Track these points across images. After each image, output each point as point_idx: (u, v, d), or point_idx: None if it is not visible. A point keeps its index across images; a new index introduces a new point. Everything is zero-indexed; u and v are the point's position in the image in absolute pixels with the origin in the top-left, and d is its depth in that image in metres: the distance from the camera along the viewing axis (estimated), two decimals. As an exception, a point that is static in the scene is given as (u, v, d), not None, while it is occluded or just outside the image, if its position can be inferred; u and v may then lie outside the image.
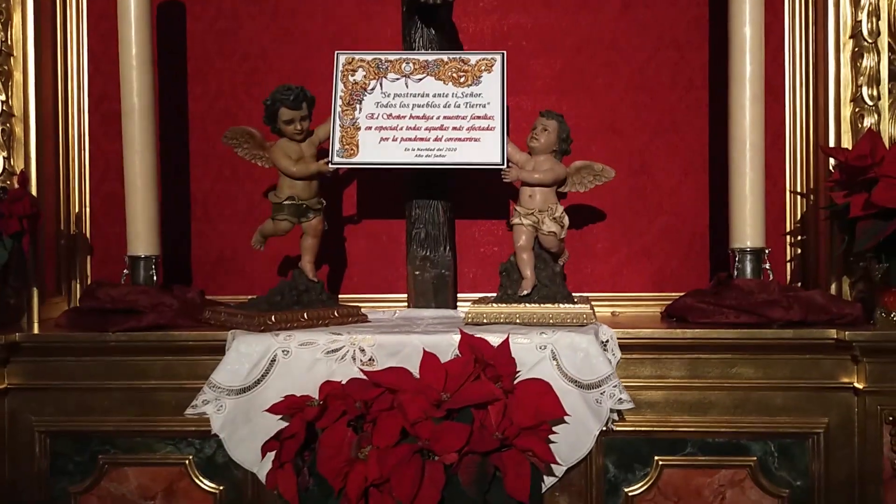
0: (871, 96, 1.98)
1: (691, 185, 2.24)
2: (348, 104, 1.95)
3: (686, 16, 2.23)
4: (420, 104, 1.95)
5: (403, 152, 1.93)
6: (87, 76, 2.25)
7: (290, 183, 1.92)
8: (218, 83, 2.28)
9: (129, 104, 1.97)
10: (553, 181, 1.91)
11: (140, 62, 1.97)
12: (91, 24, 2.25)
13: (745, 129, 1.92)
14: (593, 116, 2.25)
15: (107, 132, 2.24)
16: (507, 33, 2.27)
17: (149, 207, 1.98)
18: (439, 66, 1.97)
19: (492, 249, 2.27)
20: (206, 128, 2.27)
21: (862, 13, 1.99)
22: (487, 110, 1.94)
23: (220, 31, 2.28)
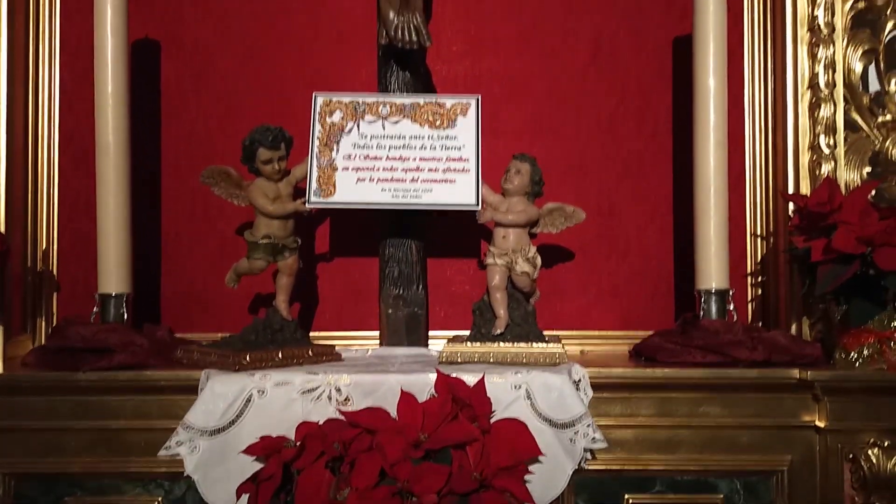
0: (829, 145, 2.07)
1: (657, 227, 2.31)
2: (325, 145, 1.98)
3: (651, 65, 2.31)
4: (396, 146, 1.99)
5: (380, 193, 1.96)
6: (59, 112, 2.23)
7: (267, 222, 1.93)
8: (192, 122, 2.28)
9: (104, 142, 1.97)
10: (526, 222, 1.96)
11: (115, 100, 1.97)
12: (64, 61, 2.24)
13: (709, 174, 1.99)
14: (563, 159, 2.31)
15: (77, 169, 2.22)
16: (480, 77, 2.33)
17: (121, 246, 1.97)
18: (415, 108, 2.02)
19: (463, 288, 2.30)
20: (179, 166, 2.27)
21: (819, 66, 2.09)
22: (462, 152, 1.99)
23: (195, 70, 2.29)
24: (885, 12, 2.17)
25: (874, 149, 2.15)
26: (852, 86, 2.14)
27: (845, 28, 2.14)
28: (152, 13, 2.27)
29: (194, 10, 2.29)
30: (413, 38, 2.02)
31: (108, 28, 1.96)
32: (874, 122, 2.16)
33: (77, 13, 2.23)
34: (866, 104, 2.16)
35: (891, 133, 2.15)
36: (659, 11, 2.31)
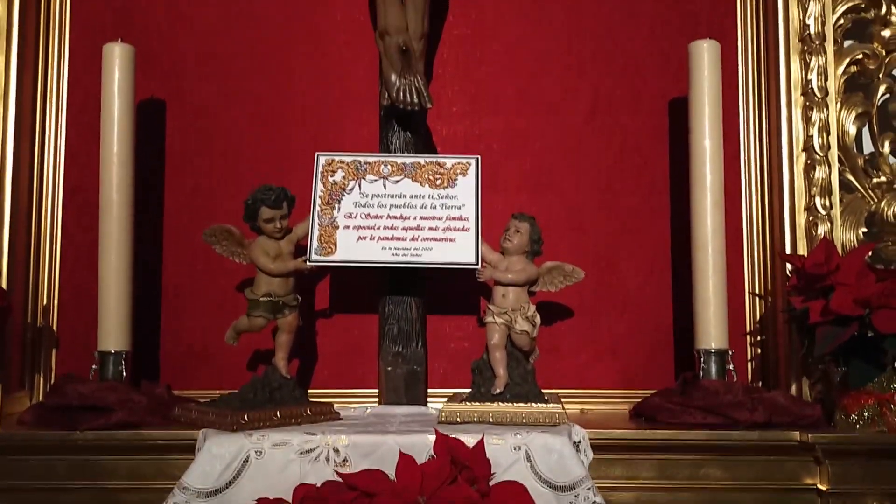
0: (824, 206, 2.10)
1: (655, 283, 2.32)
2: (327, 203, 2.00)
3: (648, 124, 2.35)
4: (397, 205, 2.01)
5: (380, 251, 1.98)
6: (64, 168, 2.26)
7: (268, 280, 1.94)
8: (195, 179, 2.30)
9: (108, 199, 1.99)
10: (525, 281, 1.97)
11: (120, 159, 2.00)
12: (70, 118, 2.27)
13: (706, 234, 2.01)
14: (561, 216, 2.33)
15: (80, 224, 2.24)
16: (480, 136, 2.36)
17: (121, 303, 1.98)
18: (416, 168, 2.04)
19: (462, 345, 2.30)
20: (181, 222, 2.29)
21: (813, 128, 2.13)
22: (462, 212, 2.01)
23: (199, 128, 2.32)
24: (878, 76, 2.23)
25: (870, 209, 2.18)
26: (847, 148, 2.18)
27: (838, 91, 2.19)
28: (158, 72, 2.31)
29: (199, 69, 2.33)
30: (415, 100, 2.06)
31: (115, 89, 2.00)
32: (869, 182, 2.19)
33: (84, 73, 2.27)
34: (861, 165, 2.19)
35: (886, 194, 2.18)
36: (655, 72, 2.35)
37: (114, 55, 2.01)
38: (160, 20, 2.33)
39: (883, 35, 2.23)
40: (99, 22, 2.30)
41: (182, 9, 2.34)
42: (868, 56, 2.22)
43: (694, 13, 2.34)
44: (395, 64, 2.07)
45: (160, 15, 2.33)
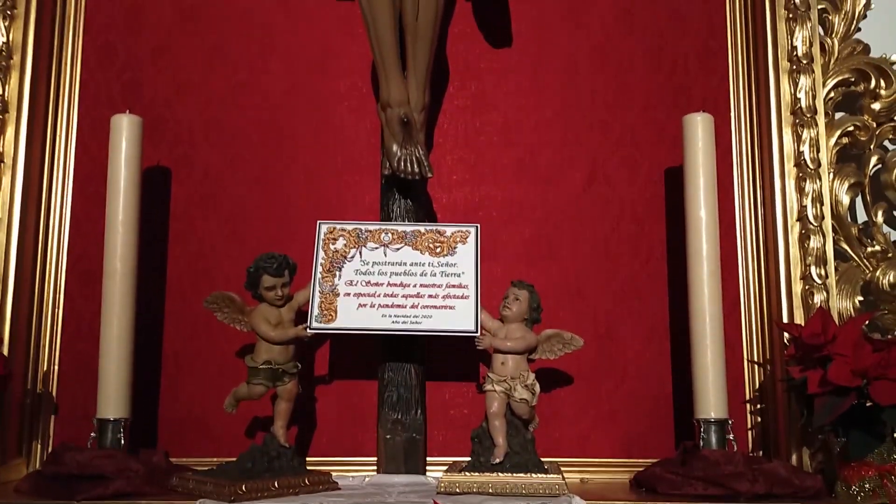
0: (820, 275, 2.12)
1: (654, 351, 2.33)
2: (328, 271, 2.02)
3: (644, 193, 2.39)
4: (398, 272, 2.04)
5: (381, 318, 1.99)
6: (69, 235, 2.29)
7: (268, 347, 1.96)
8: (199, 245, 2.33)
9: (111, 268, 2.01)
10: (525, 349, 1.98)
11: (125, 228, 2.03)
12: (77, 185, 2.31)
13: (704, 303, 2.03)
14: (560, 283, 2.35)
15: (83, 291, 2.26)
16: (479, 204, 2.39)
17: (122, 370, 1.98)
18: (416, 236, 2.07)
19: (462, 412, 2.29)
20: (183, 288, 2.30)
21: (807, 199, 2.17)
22: (462, 279, 2.03)
23: (204, 194, 2.35)
24: (869, 147, 2.28)
25: (865, 278, 2.21)
26: (840, 217, 2.22)
27: (831, 162, 2.23)
28: (165, 140, 2.36)
29: (205, 137, 2.37)
30: (415, 170, 2.10)
31: (122, 159, 2.04)
32: (863, 251, 2.22)
33: (92, 142, 2.32)
34: (855, 235, 2.22)
35: (880, 263, 2.21)
36: (650, 143, 2.40)
37: (122, 126, 2.05)
38: (168, 90, 2.38)
39: (873, 108, 2.29)
40: (107, 93, 2.36)
41: (189, 79, 2.39)
42: (859, 128, 2.27)
43: (687, 86, 2.40)
44: (397, 135, 2.12)
45: (168, 85, 2.39)
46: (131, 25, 2.41)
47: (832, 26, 2.33)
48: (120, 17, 2.41)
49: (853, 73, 2.29)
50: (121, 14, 2.41)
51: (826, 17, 2.34)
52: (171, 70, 2.39)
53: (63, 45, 2.35)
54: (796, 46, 2.25)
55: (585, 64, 2.43)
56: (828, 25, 2.34)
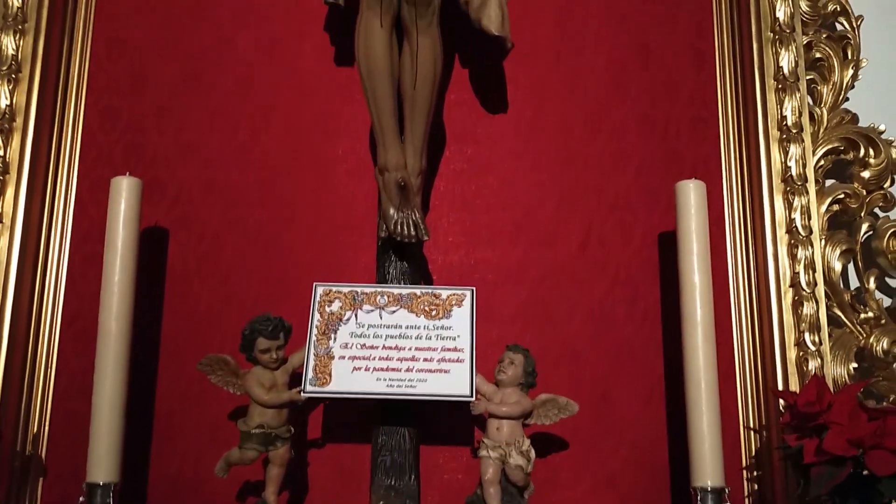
0: (814, 342, 2.13)
1: (651, 415, 2.31)
2: (323, 333, 2.02)
3: (638, 257, 2.40)
4: (393, 335, 2.04)
5: (375, 382, 1.99)
6: (64, 294, 2.29)
7: (261, 411, 1.94)
8: (194, 305, 2.33)
9: (106, 328, 2.01)
10: (520, 414, 1.98)
11: (121, 289, 2.03)
12: (74, 246, 2.32)
13: (699, 369, 2.02)
14: (555, 345, 2.34)
15: (76, 350, 2.25)
16: (474, 266, 2.40)
17: (113, 433, 1.96)
18: (412, 299, 2.08)
19: (456, 476, 2.26)
20: (177, 349, 2.29)
21: (799, 265, 2.19)
22: (457, 343, 2.03)
23: (201, 254, 2.36)
24: (860, 214, 2.31)
25: (859, 344, 2.21)
26: (833, 284, 2.24)
27: (822, 229, 2.26)
28: (164, 201, 2.37)
29: (204, 198, 2.39)
30: (412, 233, 2.12)
31: (121, 221, 2.05)
32: (857, 318, 2.23)
33: (92, 200, 2.33)
34: (848, 301, 2.24)
35: (874, 329, 2.22)
36: (644, 207, 2.42)
37: (121, 188, 2.07)
38: (169, 151, 2.41)
39: (863, 176, 2.33)
40: (108, 153, 2.38)
41: (191, 140, 2.42)
42: (849, 196, 2.31)
43: (679, 152, 2.45)
44: (394, 199, 2.14)
45: (169, 146, 2.41)
46: (135, 87, 2.44)
47: (821, 96, 2.38)
48: (124, 79, 2.44)
49: (842, 142, 2.34)
50: (125, 76, 2.45)
51: (815, 88, 2.40)
52: (173, 131, 2.42)
53: (66, 106, 2.38)
54: (786, 116, 2.30)
55: (579, 129, 2.47)
56: (816, 95, 2.40)
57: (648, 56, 2.52)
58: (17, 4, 2.29)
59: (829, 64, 2.38)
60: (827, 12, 2.42)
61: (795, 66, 2.34)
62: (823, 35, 2.41)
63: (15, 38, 2.27)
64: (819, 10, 2.42)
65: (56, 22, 2.36)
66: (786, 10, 2.36)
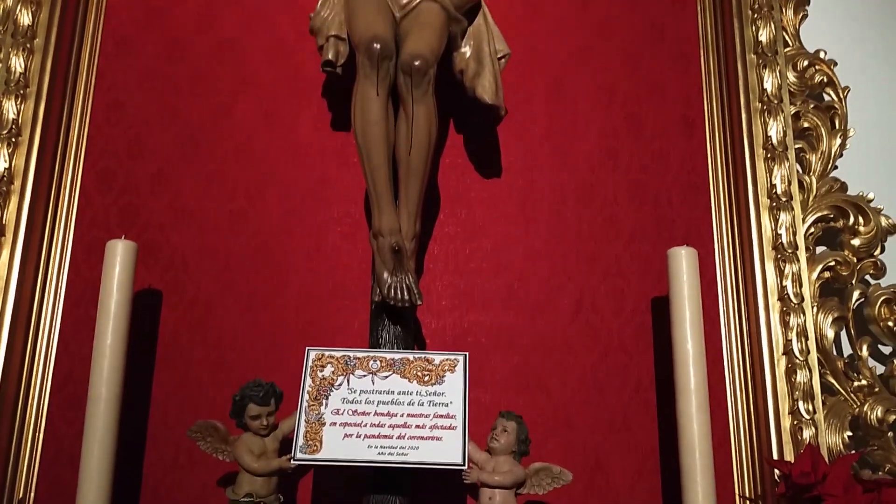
0: (808, 410, 2.12)
1: (645, 485, 2.28)
2: (315, 399, 2.01)
3: (631, 323, 2.40)
4: (385, 401, 2.02)
5: (366, 449, 1.96)
6: (55, 357, 2.27)
7: (250, 479, 1.92)
8: (185, 370, 2.31)
9: (96, 392, 1.99)
10: (513, 483, 1.95)
11: (112, 353, 2.02)
12: (66, 309, 2.31)
13: (693, 437, 2.01)
14: (548, 412, 2.33)
15: (65, 414, 2.23)
16: (468, 330, 2.40)
17: (100, 500, 1.92)
18: (405, 364, 2.07)
19: (448, 547, 2.23)
20: (167, 414, 2.27)
21: (792, 333, 2.20)
22: (450, 409, 2.01)
23: (193, 318, 2.35)
24: (851, 282, 2.32)
25: (853, 413, 2.20)
26: (826, 351, 2.24)
27: (814, 296, 2.27)
28: (157, 264, 2.38)
29: (198, 261, 2.40)
30: (405, 298, 2.12)
31: (115, 284, 2.05)
32: (850, 386, 2.22)
33: (86, 263, 2.34)
34: (841, 369, 2.24)
35: (868, 397, 2.21)
36: (636, 273, 2.43)
37: (116, 252, 2.08)
38: (164, 215, 2.42)
39: (853, 243, 2.34)
40: (104, 217, 2.40)
41: (186, 204, 2.44)
42: (840, 263, 2.32)
43: (671, 219, 2.47)
44: (388, 263, 2.15)
45: (164, 210, 2.43)
46: (132, 151, 2.47)
47: (809, 164, 2.42)
48: (122, 143, 2.47)
49: (832, 210, 2.37)
50: (123, 140, 2.48)
51: (803, 156, 2.44)
52: (169, 195, 2.44)
53: (63, 169, 2.40)
54: (775, 184, 2.33)
55: (572, 196, 2.50)
56: (805, 163, 2.44)
57: (639, 125, 2.56)
58: (19, 70, 2.34)
59: (818, 133, 2.43)
60: (814, 83, 2.47)
61: (784, 136, 2.39)
62: (811, 105, 2.46)
63: (16, 103, 2.30)
64: (806, 81, 2.47)
65: (57, 87, 2.41)
66: (773, 81, 2.42)
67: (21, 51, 2.34)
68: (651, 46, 2.63)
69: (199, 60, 2.55)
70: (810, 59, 2.48)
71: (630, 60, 2.62)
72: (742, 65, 2.46)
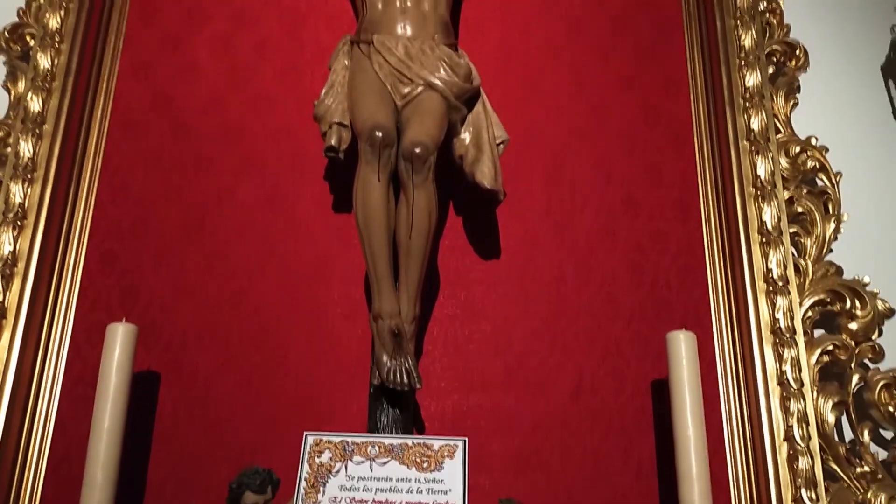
0: (811, 498, 2.10)
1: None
2: (312, 486, 1.98)
3: (632, 405, 2.38)
4: (383, 488, 2.00)
5: (364, 538, 1.93)
6: (51, 440, 2.25)
7: (245, 568, 1.88)
8: (182, 451, 2.28)
9: (92, 476, 1.97)
10: (512, 575, 1.91)
11: (109, 436, 2.01)
12: (65, 390, 2.30)
13: (696, 527, 1.98)
14: (550, 497, 2.29)
15: (60, 499, 2.18)
16: (467, 412, 2.39)
17: (92, 591, 1.89)
18: (403, 450, 2.05)
19: None
20: (163, 497, 2.23)
21: (792, 418, 2.19)
22: (449, 497, 1.99)
23: (191, 400, 2.34)
24: (850, 366, 2.32)
25: (857, 499, 2.17)
26: (827, 436, 2.22)
27: (814, 381, 2.27)
28: (157, 345, 2.37)
29: (198, 342, 2.39)
30: (405, 381, 2.13)
31: (114, 367, 2.06)
32: (853, 472, 2.20)
33: (86, 344, 2.33)
34: (843, 454, 2.22)
35: (871, 484, 2.18)
36: (635, 355, 2.43)
37: (116, 335, 2.09)
38: (165, 295, 2.44)
39: (850, 327, 2.35)
40: (106, 297, 2.41)
41: (187, 284, 2.45)
42: (838, 347, 2.32)
43: (669, 301, 2.48)
44: (388, 346, 2.16)
45: (166, 290, 2.44)
46: (136, 232, 2.50)
47: (805, 248, 2.45)
48: (126, 224, 2.50)
49: (828, 294, 2.38)
50: (127, 221, 2.51)
51: (798, 240, 2.47)
52: (171, 276, 2.46)
53: (67, 250, 2.42)
54: (771, 269, 2.36)
55: (571, 277, 2.52)
56: (801, 247, 2.46)
57: (636, 206, 2.60)
58: (28, 155, 2.38)
59: (812, 218, 2.46)
60: (806, 169, 2.52)
61: (778, 221, 2.42)
62: (804, 190, 2.51)
63: (23, 187, 2.34)
64: (799, 166, 2.52)
65: (64, 170, 2.45)
66: (766, 167, 2.47)
67: (30, 136, 2.39)
68: (646, 130, 2.69)
69: (205, 143, 2.60)
70: (802, 146, 2.54)
71: (626, 143, 2.67)
72: (735, 151, 2.52)
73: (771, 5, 2.71)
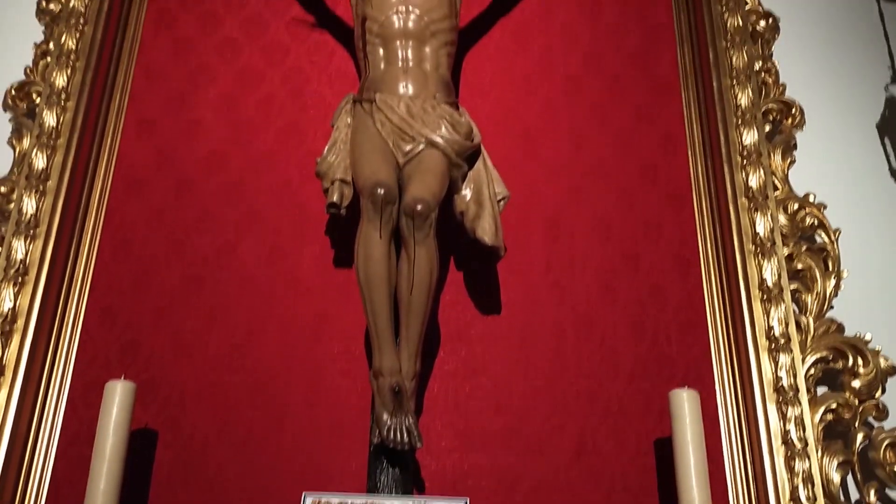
0: (819, 564, 2.06)
1: None
2: (311, 548, 1.95)
3: (634, 465, 2.35)
4: (383, 553, 1.96)
5: None
6: (45, 500, 2.21)
7: None
8: (179, 507, 2.26)
9: (86, 540, 1.94)
10: None
11: (105, 497, 1.98)
12: (61, 448, 2.27)
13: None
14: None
15: (53, 561, 2.16)
16: (468, 472, 2.35)
17: None
18: (404, 512, 2.02)
19: None
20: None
21: (797, 479, 2.18)
22: (452, 570, 1.96)
23: (188, 458, 2.30)
24: (854, 425, 2.29)
25: (865, 561, 2.13)
26: (833, 496, 2.19)
27: (818, 439, 2.24)
28: (155, 402, 2.35)
29: (196, 399, 2.37)
30: (405, 440, 2.10)
31: (112, 425, 2.04)
32: (862, 535, 2.16)
33: (83, 402, 2.31)
34: (852, 517, 2.18)
35: (882, 553, 2.14)
36: (638, 413, 2.41)
37: (115, 393, 2.07)
38: (164, 352, 2.42)
39: (853, 385, 2.33)
40: (105, 354, 2.40)
41: (186, 341, 2.44)
42: (842, 405, 2.30)
43: (670, 357, 2.47)
44: (388, 404, 2.14)
45: (165, 347, 2.43)
46: (136, 287, 2.50)
47: (806, 305, 2.44)
48: (126, 280, 2.50)
49: (830, 351, 2.37)
50: (127, 277, 2.51)
51: (799, 296, 2.46)
52: (170, 332, 2.45)
53: (67, 308, 2.41)
54: (773, 326, 2.35)
55: (571, 333, 2.51)
56: (801, 303, 2.46)
57: (636, 262, 2.61)
58: (31, 211, 2.39)
59: (812, 274, 2.46)
60: (805, 226, 2.53)
61: (778, 278, 2.42)
62: (804, 247, 2.51)
63: (25, 243, 2.35)
64: (797, 223, 2.53)
65: (66, 227, 2.46)
66: (765, 224, 2.48)
67: (34, 193, 2.40)
68: (644, 187, 2.71)
69: (207, 200, 2.62)
70: (800, 203, 2.55)
71: (624, 200, 2.69)
72: (734, 208, 2.53)
73: (766, 65, 2.76)
